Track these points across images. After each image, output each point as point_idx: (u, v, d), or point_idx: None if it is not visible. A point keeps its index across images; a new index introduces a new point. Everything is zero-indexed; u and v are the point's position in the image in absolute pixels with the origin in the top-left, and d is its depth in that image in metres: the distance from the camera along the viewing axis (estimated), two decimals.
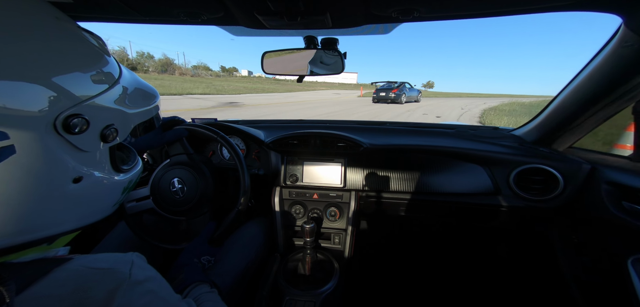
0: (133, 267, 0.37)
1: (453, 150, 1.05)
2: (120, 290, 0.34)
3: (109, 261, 0.36)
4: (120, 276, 0.35)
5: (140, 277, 0.37)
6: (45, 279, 0.31)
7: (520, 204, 1.01)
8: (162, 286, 0.41)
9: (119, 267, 0.36)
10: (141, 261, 0.40)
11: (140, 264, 0.39)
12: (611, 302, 0.93)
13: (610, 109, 0.82)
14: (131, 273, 0.36)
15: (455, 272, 1.41)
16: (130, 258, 0.39)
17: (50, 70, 0.31)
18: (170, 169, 0.89)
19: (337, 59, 0.87)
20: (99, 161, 0.38)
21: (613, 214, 0.81)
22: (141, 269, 0.38)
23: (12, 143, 0.27)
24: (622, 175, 0.82)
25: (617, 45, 0.68)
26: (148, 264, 0.42)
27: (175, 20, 0.69)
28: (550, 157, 0.97)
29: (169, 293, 0.41)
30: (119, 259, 0.37)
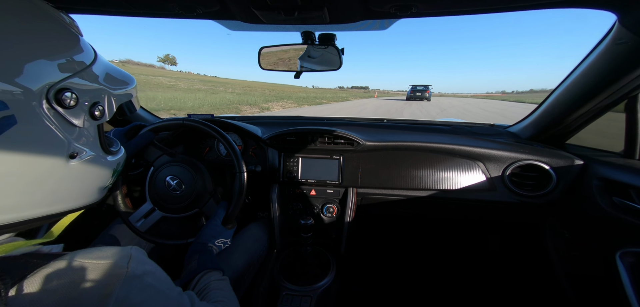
0: (131, 261, 0.37)
1: (449, 148, 1.06)
2: (117, 285, 0.33)
3: (107, 255, 0.36)
4: (118, 270, 0.34)
5: (139, 271, 0.36)
6: (38, 272, 0.30)
7: (515, 200, 1.03)
8: (162, 279, 0.40)
9: (117, 261, 0.36)
10: (140, 254, 0.40)
11: (139, 257, 0.39)
12: (600, 295, 0.95)
13: (603, 105, 0.84)
14: (129, 267, 0.35)
15: (449, 267, 1.43)
16: (128, 252, 0.38)
17: (36, 49, 0.34)
18: (160, 169, 0.88)
19: (334, 54, 0.87)
20: (90, 139, 0.41)
21: (603, 210, 0.83)
22: (140, 263, 0.38)
23: (12, 113, 0.30)
24: (613, 171, 0.83)
25: (611, 43, 0.69)
26: (147, 258, 0.41)
27: (170, 13, 0.68)
28: (544, 153, 0.99)
29: (168, 287, 0.41)
30: (117, 253, 0.37)
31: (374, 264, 1.46)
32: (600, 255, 0.90)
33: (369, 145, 1.10)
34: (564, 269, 1.09)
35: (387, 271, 1.43)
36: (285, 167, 1.14)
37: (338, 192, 1.13)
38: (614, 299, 0.82)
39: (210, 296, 0.57)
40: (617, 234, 0.84)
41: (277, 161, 1.15)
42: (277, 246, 1.16)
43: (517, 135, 1.18)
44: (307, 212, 1.17)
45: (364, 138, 1.10)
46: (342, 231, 1.12)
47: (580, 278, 1.04)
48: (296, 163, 1.14)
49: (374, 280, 1.38)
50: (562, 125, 0.99)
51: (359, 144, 1.09)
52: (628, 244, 0.80)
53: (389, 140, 1.11)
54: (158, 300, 0.37)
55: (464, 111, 14.57)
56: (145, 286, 0.36)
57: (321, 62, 0.91)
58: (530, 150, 1.01)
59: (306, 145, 1.13)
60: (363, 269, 1.41)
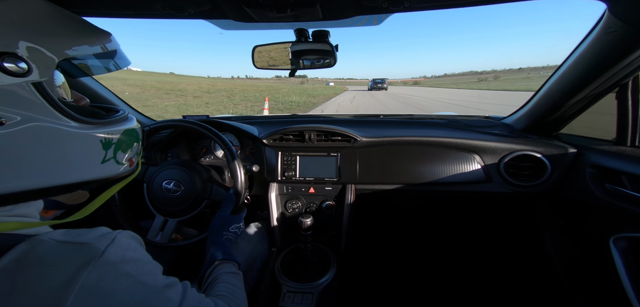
0: (111, 245, 0.34)
1: (446, 141, 1.07)
2: (86, 269, 0.30)
3: (86, 237, 0.33)
4: (92, 253, 0.32)
5: (116, 257, 0.33)
6: (9, 253, 0.29)
7: (510, 191, 1.04)
8: (145, 270, 0.37)
9: (95, 243, 0.33)
10: (126, 240, 0.37)
11: (123, 243, 0.36)
12: (595, 279, 0.97)
13: (595, 94, 0.85)
14: (106, 251, 0.33)
15: (448, 259, 1.45)
16: (112, 236, 0.35)
17: None
18: (152, 181, 0.87)
19: (329, 51, 0.87)
20: (20, 100, 0.33)
21: (597, 196, 0.85)
22: (121, 248, 0.35)
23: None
24: (605, 158, 0.85)
25: (601, 32, 0.70)
26: (136, 245, 0.38)
27: (160, 14, 0.66)
28: (538, 143, 1.00)
29: (151, 278, 0.37)
30: (98, 235, 0.34)
31: (374, 260, 1.47)
32: (595, 241, 0.92)
33: (366, 141, 1.10)
34: (560, 256, 1.11)
35: (387, 265, 1.44)
36: (283, 166, 1.14)
37: (336, 189, 1.14)
38: (608, 283, 0.84)
39: (216, 289, 0.54)
40: (611, 220, 0.85)
41: (275, 160, 1.14)
42: (277, 245, 1.16)
43: (512, 127, 1.19)
44: (306, 210, 1.17)
45: (361, 134, 1.10)
46: (342, 227, 1.13)
47: (575, 264, 1.06)
48: (294, 161, 1.14)
49: (374, 275, 1.39)
50: (555, 115, 1.00)
51: (356, 140, 1.09)
52: (621, 229, 0.82)
53: (385, 136, 1.11)
54: (135, 291, 0.34)
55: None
56: (122, 274, 0.33)
57: (315, 59, 0.90)
58: (524, 141, 1.02)
59: (303, 143, 1.13)
60: (363, 265, 1.41)
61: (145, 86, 23.62)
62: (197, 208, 0.88)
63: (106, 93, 1.16)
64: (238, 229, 0.77)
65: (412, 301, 1.27)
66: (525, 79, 61.33)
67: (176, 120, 1.01)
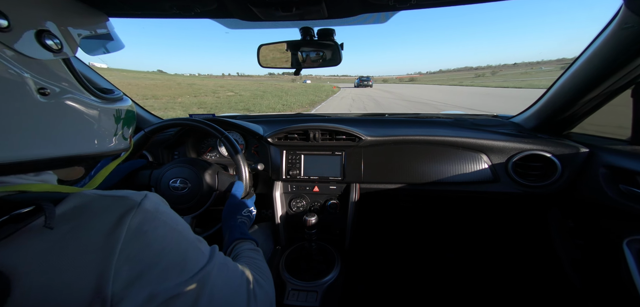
0: (146, 198, 0.37)
1: (452, 140, 1.05)
2: (129, 215, 0.33)
3: (123, 192, 0.36)
4: (130, 202, 0.35)
5: (152, 208, 0.36)
6: (64, 202, 0.32)
7: (519, 191, 1.02)
8: (178, 221, 0.40)
9: (131, 196, 0.36)
10: (156, 197, 0.39)
11: (156, 199, 0.39)
12: (607, 283, 0.95)
13: (609, 92, 0.82)
14: (142, 202, 0.36)
15: (454, 260, 1.43)
16: (144, 193, 0.38)
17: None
18: (159, 183, 0.88)
19: (334, 50, 0.86)
20: (57, 74, 0.38)
21: (610, 198, 0.82)
22: (154, 202, 0.37)
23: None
24: (619, 158, 0.82)
25: (617, 27, 0.67)
26: (165, 203, 0.41)
27: (167, 14, 0.67)
28: (548, 143, 0.97)
29: (185, 229, 0.40)
30: (132, 192, 0.37)
31: (378, 259, 1.46)
32: (607, 243, 0.89)
33: (371, 140, 1.09)
34: (569, 257, 1.08)
35: (392, 264, 1.44)
36: (287, 165, 1.14)
37: (341, 188, 1.13)
38: (620, 286, 0.81)
39: (239, 262, 0.55)
40: (624, 221, 0.83)
41: (279, 159, 1.15)
42: (282, 243, 1.16)
43: (521, 126, 1.17)
44: (310, 209, 1.17)
45: (366, 133, 1.10)
46: (346, 226, 1.12)
47: (586, 266, 1.03)
48: (299, 160, 1.14)
49: (379, 274, 1.38)
50: (566, 113, 0.97)
51: (361, 139, 1.08)
52: (636, 231, 0.79)
53: (390, 135, 1.10)
54: (173, 237, 0.37)
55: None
56: (160, 222, 0.36)
57: (320, 57, 0.90)
58: (534, 140, 1.00)
59: (308, 142, 1.13)
60: (368, 264, 1.41)
61: (167, 87, 22.92)
62: (207, 201, 0.89)
63: None
64: (250, 213, 0.78)
65: (416, 300, 1.27)
66: (523, 75, 59.55)
67: (183, 119, 1.03)
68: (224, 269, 0.43)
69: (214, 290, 0.38)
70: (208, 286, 0.37)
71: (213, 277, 0.39)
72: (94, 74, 1.18)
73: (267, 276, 0.55)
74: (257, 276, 0.52)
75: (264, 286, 0.51)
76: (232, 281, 0.44)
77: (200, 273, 0.37)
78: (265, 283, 0.52)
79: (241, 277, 0.46)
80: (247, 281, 0.47)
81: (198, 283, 0.37)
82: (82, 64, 1.12)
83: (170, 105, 13.15)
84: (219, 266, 0.41)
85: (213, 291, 0.38)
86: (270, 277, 0.56)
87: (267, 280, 0.54)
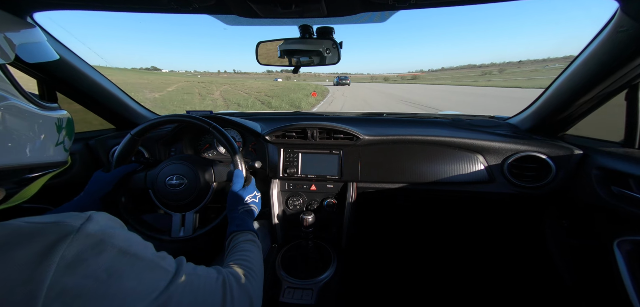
0: (88, 221, 0.31)
1: (449, 140, 1.06)
2: (64, 242, 0.27)
3: (56, 217, 0.30)
4: (67, 228, 0.29)
5: (96, 231, 0.31)
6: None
7: (514, 191, 1.03)
8: (134, 242, 0.35)
9: (67, 220, 0.30)
10: (107, 217, 0.34)
11: (102, 220, 0.33)
12: (597, 281, 0.96)
13: (604, 94, 0.83)
14: (82, 227, 0.30)
15: (449, 259, 1.45)
16: (87, 214, 0.32)
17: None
18: (155, 184, 0.86)
19: (333, 48, 0.86)
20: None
21: (602, 199, 0.84)
22: (99, 224, 0.32)
23: None
24: (612, 160, 0.83)
25: (612, 31, 0.68)
26: (117, 223, 0.36)
27: (165, 8, 0.66)
28: (543, 144, 0.99)
29: (140, 249, 0.35)
30: (70, 215, 0.31)
31: (375, 257, 1.47)
32: (598, 243, 0.91)
33: (368, 140, 1.09)
34: (563, 257, 1.10)
35: (388, 263, 1.45)
36: (285, 163, 1.14)
37: (338, 186, 1.14)
38: (610, 285, 0.83)
39: (230, 257, 0.56)
40: (615, 222, 0.84)
41: (277, 157, 1.15)
42: (278, 241, 1.17)
43: (517, 127, 1.18)
44: (307, 208, 1.17)
45: (363, 132, 1.10)
46: (343, 225, 1.13)
47: (578, 265, 1.05)
48: (296, 158, 1.14)
49: (375, 273, 1.39)
50: (561, 115, 0.98)
51: (359, 138, 1.09)
52: (626, 232, 0.81)
53: (388, 134, 1.10)
54: (124, 261, 0.31)
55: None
56: (108, 246, 0.31)
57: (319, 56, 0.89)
58: (529, 141, 1.01)
59: (306, 140, 1.13)
60: (364, 263, 1.42)
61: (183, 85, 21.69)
62: (207, 194, 0.88)
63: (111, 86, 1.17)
64: (255, 198, 0.78)
65: (412, 298, 1.28)
66: (532, 72, 58.66)
67: (180, 116, 1.02)
68: (194, 279, 0.40)
69: (182, 306, 0.36)
70: (173, 304, 0.35)
71: (178, 294, 0.36)
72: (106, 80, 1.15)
73: (255, 272, 0.54)
74: (243, 272, 0.51)
75: (247, 284, 0.50)
76: (204, 289, 0.42)
77: (162, 295, 0.34)
78: (251, 280, 0.51)
79: (215, 282, 0.44)
80: (222, 285, 0.45)
81: (160, 305, 0.34)
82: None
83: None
84: (187, 279, 0.39)
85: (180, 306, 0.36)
86: (259, 272, 0.56)
87: (253, 276, 0.53)
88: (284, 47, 0.89)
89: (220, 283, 0.45)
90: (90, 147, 1.17)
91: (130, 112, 1.28)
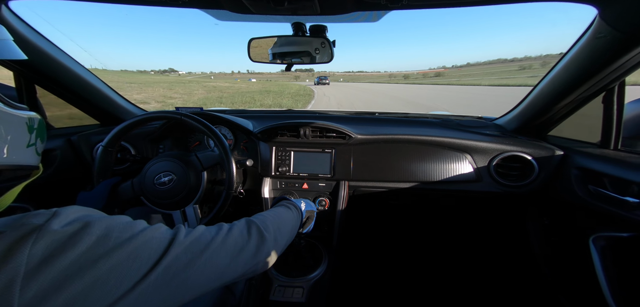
0: (53, 217, 0.28)
1: (439, 140, 1.09)
2: (28, 241, 0.25)
3: (17, 217, 0.28)
4: (29, 227, 0.26)
5: (62, 223, 0.28)
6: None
7: (499, 190, 1.07)
8: (112, 224, 0.32)
9: (31, 220, 0.27)
10: (74, 210, 0.31)
11: (71, 212, 0.30)
12: (576, 277, 1.02)
13: (583, 97, 0.87)
14: (47, 223, 0.27)
15: (438, 257, 1.49)
16: (52, 210, 0.30)
17: None
18: (143, 184, 0.84)
19: (326, 46, 0.86)
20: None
21: (580, 197, 0.88)
22: (67, 217, 0.29)
23: None
24: (589, 160, 0.88)
25: (591, 37, 0.71)
26: (95, 211, 0.34)
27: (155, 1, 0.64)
28: (527, 145, 1.03)
29: (123, 228, 0.33)
30: (33, 213, 0.29)
31: (365, 255, 1.49)
32: (576, 239, 0.96)
33: (361, 139, 1.10)
34: (543, 253, 1.15)
35: (378, 260, 1.47)
36: (277, 161, 1.14)
37: (330, 185, 1.14)
38: (586, 279, 0.88)
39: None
40: (591, 219, 0.89)
41: (269, 155, 1.14)
42: None
43: (503, 128, 1.22)
44: None
45: (356, 131, 1.11)
46: (334, 223, 1.14)
47: (557, 261, 1.11)
48: (288, 157, 1.13)
49: (366, 271, 1.41)
50: (545, 117, 1.03)
51: (351, 137, 1.09)
52: (600, 228, 0.86)
53: (380, 133, 1.12)
54: (105, 246, 0.29)
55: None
56: (80, 237, 0.28)
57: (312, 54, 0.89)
58: (514, 142, 1.05)
59: (298, 138, 1.13)
60: (355, 261, 1.44)
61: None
62: (200, 185, 0.87)
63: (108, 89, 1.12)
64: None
65: (402, 295, 1.31)
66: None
67: (169, 112, 0.99)
68: (195, 233, 0.41)
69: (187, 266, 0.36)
70: (173, 269, 0.34)
71: (180, 256, 0.36)
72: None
73: (269, 230, 0.53)
74: (259, 234, 0.51)
75: (254, 237, 0.49)
76: (207, 242, 0.41)
77: (160, 263, 0.33)
78: (265, 235, 0.51)
79: (217, 232, 0.44)
80: (226, 232, 0.45)
81: (163, 270, 0.33)
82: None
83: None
84: (187, 239, 0.39)
85: (184, 266, 0.36)
86: (270, 230, 0.53)
87: (267, 232, 0.52)
88: (275, 49, 0.89)
89: (222, 233, 0.45)
90: (72, 143, 1.12)
91: (115, 108, 1.24)
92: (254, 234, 0.49)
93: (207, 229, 0.45)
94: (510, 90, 18.74)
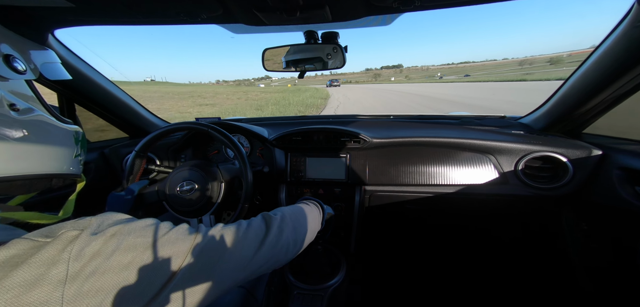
0: (92, 225, 0.32)
1: (459, 142, 1.04)
2: (67, 249, 0.28)
3: (57, 226, 0.31)
4: (69, 236, 0.30)
5: (98, 230, 0.32)
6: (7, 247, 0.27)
7: (528, 193, 1.00)
8: (136, 226, 0.35)
9: (70, 230, 0.31)
10: (108, 217, 0.35)
11: (103, 221, 0.34)
12: (621, 287, 0.91)
13: (621, 93, 0.79)
14: (85, 230, 0.31)
15: (462, 264, 1.40)
16: (90, 218, 0.33)
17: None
18: (165, 191, 0.88)
19: (338, 52, 0.86)
20: (24, 94, 0.43)
21: (625, 200, 0.79)
22: (103, 224, 0.33)
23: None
24: (635, 159, 0.79)
25: (629, 26, 0.65)
26: (126, 219, 0.37)
27: (174, 20, 0.69)
28: (558, 144, 0.95)
29: (146, 230, 0.36)
30: (76, 221, 0.32)
31: (384, 262, 1.44)
32: (622, 247, 0.86)
33: (376, 142, 1.09)
34: (583, 262, 1.05)
35: (398, 267, 1.42)
36: (292, 168, 1.15)
37: (345, 190, 1.13)
38: (635, 292, 0.78)
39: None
40: None
41: (284, 161, 1.15)
42: None
43: (530, 127, 1.14)
44: None
45: (371, 135, 1.09)
46: (351, 229, 1.12)
47: (599, 271, 1.00)
48: (303, 163, 1.14)
49: (385, 277, 1.37)
50: (577, 114, 0.95)
51: (366, 141, 1.08)
52: None
53: (396, 136, 1.09)
54: (134, 245, 0.33)
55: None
56: (113, 235, 0.32)
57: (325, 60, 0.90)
58: (543, 141, 0.98)
59: (312, 144, 1.13)
60: (373, 267, 1.40)
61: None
62: (219, 196, 0.90)
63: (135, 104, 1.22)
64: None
65: (423, 304, 1.24)
66: None
67: (189, 123, 1.04)
68: (216, 228, 0.44)
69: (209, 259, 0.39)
70: (197, 265, 0.38)
71: (205, 245, 0.39)
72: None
73: (286, 221, 0.57)
74: (277, 225, 0.54)
75: (271, 235, 0.51)
76: (231, 239, 0.44)
77: (190, 253, 0.37)
78: (282, 227, 0.54)
79: (237, 231, 0.47)
80: (244, 231, 0.48)
81: (194, 255, 0.37)
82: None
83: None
84: (208, 233, 0.42)
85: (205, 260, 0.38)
86: (287, 222, 0.57)
87: (283, 223, 0.55)
88: (288, 57, 0.91)
89: (241, 232, 0.47)
90: (105, 156, 1.21)
91: (142, 121, 1.33)
92: (273, 225, 0.53)
93: (226, 225, 0.47)
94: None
